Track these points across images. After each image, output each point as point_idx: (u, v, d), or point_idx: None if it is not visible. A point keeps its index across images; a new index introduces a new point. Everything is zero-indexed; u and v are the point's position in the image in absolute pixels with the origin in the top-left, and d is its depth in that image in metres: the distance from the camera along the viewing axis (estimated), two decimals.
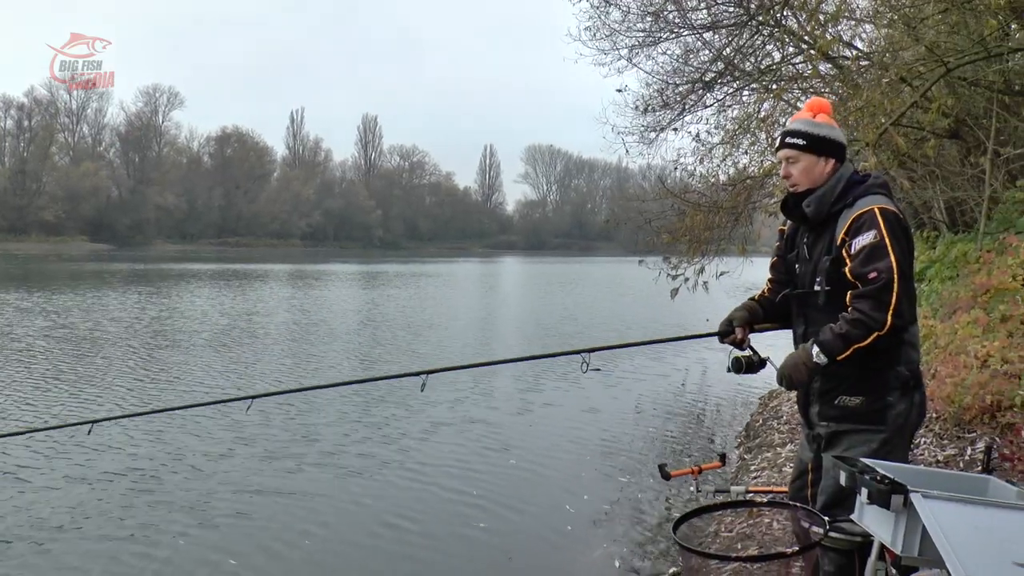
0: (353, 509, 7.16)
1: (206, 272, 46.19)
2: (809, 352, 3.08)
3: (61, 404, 10.90)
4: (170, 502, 7.12)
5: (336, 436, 9.51)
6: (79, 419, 9.45)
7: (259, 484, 7.67)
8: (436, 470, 8.23)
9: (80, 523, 6.57)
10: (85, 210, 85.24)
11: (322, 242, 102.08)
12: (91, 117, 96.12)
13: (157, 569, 5.76)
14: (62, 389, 11.89)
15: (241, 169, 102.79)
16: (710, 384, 13.35)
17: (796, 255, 3.39)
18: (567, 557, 6.06)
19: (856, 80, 9.94)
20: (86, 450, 8.48)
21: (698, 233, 13.73)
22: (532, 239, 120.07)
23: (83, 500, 7.12)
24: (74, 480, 7.68)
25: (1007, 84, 9.80)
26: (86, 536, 6.32)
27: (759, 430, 9.35)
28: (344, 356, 16.05)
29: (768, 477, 6.97)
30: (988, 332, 7.20)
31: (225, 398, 10.16)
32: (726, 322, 3.57)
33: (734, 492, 4.93)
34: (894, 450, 3.06)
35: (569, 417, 10.76)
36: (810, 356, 3.07)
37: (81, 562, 5.87)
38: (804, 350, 3.13)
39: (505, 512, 7.02)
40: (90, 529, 6.46)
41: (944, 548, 2.09)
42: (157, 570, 5.75)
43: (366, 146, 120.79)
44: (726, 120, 13.73)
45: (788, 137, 3.28)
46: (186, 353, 15.68)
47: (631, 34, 13.43)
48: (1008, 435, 5.39)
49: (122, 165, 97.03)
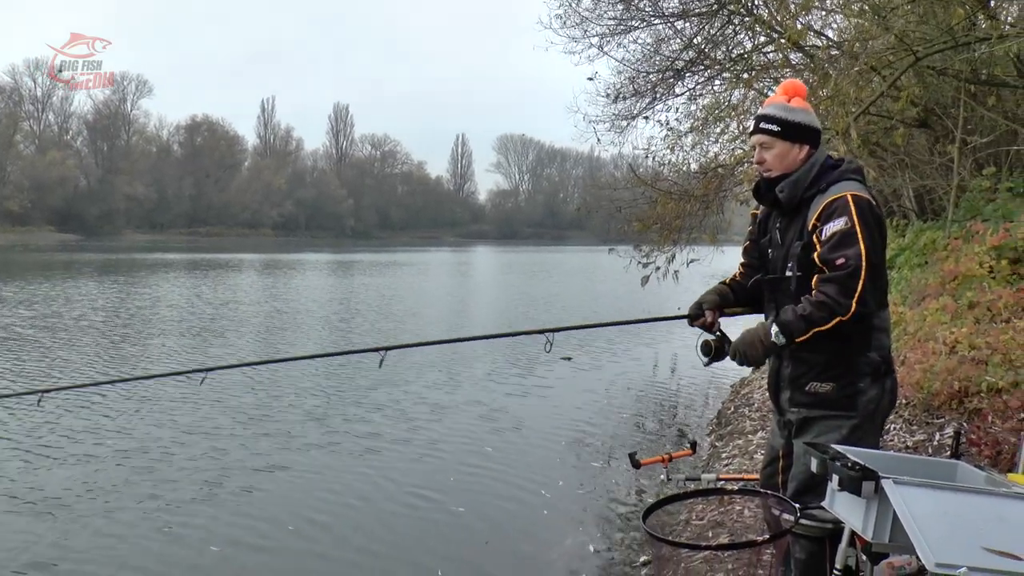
0: (326, 494, 7.15)
1: (180, 262, 45.78)
2: (768, 330, 3.06)
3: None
4: (120, 483, 7.11)
5: (302, 419, 9.57)
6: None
7: (223, 464, 7.63)
8: (409, 458, 8.20)
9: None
10: (52, 200, 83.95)
11: (293, 232, 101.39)
12: (57, 105, 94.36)
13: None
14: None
15: (211, 158, 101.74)
16: (681, 372, 13.40)
17: (768, 240, 3.36)
18: (538, 550, 6.03)
19: (826, 69, 9.96)
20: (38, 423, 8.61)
21: (669, 221, 13.76)
22: (504, 228, 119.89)
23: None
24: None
25: (974, 73, 9.87)
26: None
27: (730, 417, 9.38)
28: (319, 342, 15.99)
29: (739, 464, 6.99)
30: (956, 319, 7.26)
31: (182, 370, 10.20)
32: (696, 305, 3.51)
33: (705, 480, 4.95)
34: (865, 436, 3.05)
35: (539, 405, 10.77)
36: (768, 334, 3.06)
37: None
38: (763, 327, 3.11)
39: (475, 502, 6.98)
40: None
41: (914, 534, 2.09)
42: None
43: (337, 135, 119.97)
44: (697, 108, 13.76)
45: (762, 122, 3.23)
46: (168, 336, 15.57)
47: (602, 22, 13.43)
48: (975, 420, 5.42)
49: (90, 154, 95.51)
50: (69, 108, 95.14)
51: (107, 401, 10.03)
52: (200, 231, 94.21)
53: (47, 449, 8.10)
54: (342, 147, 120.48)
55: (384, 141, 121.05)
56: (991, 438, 4.95)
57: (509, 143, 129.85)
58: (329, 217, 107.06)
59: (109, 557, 5.76)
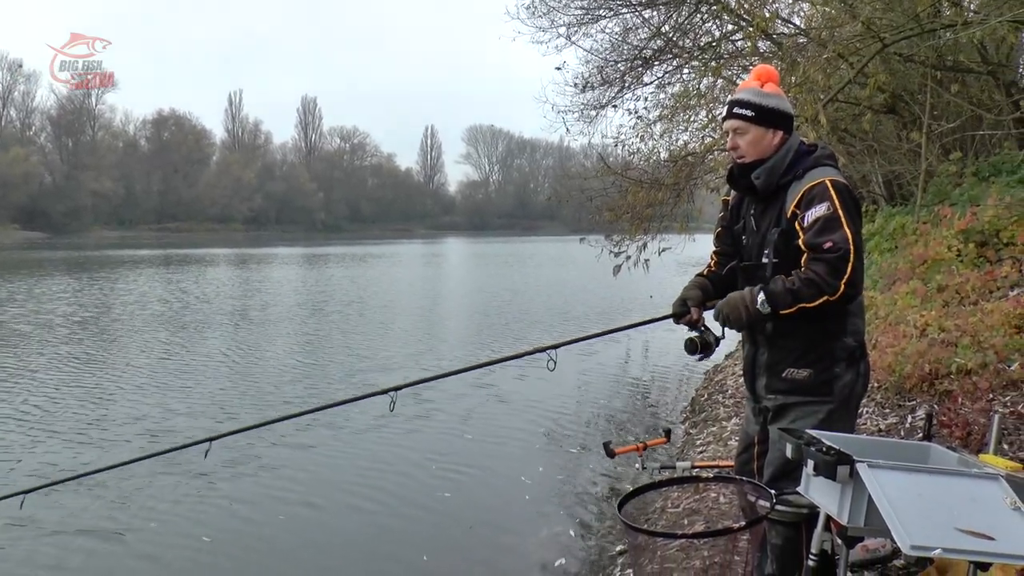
0: (307, 478, 7.27)
1: (153, 258, 45.33)
2: (755, 296, 3.04)
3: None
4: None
5: (288, 432, 9.40)
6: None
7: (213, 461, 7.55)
8: (387, 449, 8.23)
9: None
10: (16, 197, 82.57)
11: (264, 226, 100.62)
12: (19, 100, 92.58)
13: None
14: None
15: (179, 153, 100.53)
16: (654, 359, 13.44)
17: (743, 226, 3.33)
18: (514, 540, 6.02)
19: (794, 57, 10.01)
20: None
21: (640, 210, 13.78)
22: (475, 220, 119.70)
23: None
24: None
25: (940, 60, 9.97)
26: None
27: (704, 404, 9.42)
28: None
29: (714, 451, 7.02)
30: (926, 302, 7.33)
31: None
32: (680, 302, 3.47)
33: (680, 467, 4.96)
34: (840, 420, 3.06)
35: (513, 396, 10.73)
36: (754, 300, 3.03)
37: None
38: (750, 292, 3.08)
39: (452, 492, 6.99)
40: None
41: (889, 517, 2.10)
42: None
43: (306, 128, 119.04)
44: (667, 97, 13.79)
45: (736, 107, 3.19)
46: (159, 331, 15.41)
47: (569, 11, 13.40)
48: (946, 402, 5.48)
49: (55, 150, 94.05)
50: (32, 104, 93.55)
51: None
52: (170, 227, 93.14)
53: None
54: (311, 140, 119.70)
55: (353, 133, 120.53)
56: (962, 419, 5.00)
57: (479, 134, 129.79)
58: (299, 211, 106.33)
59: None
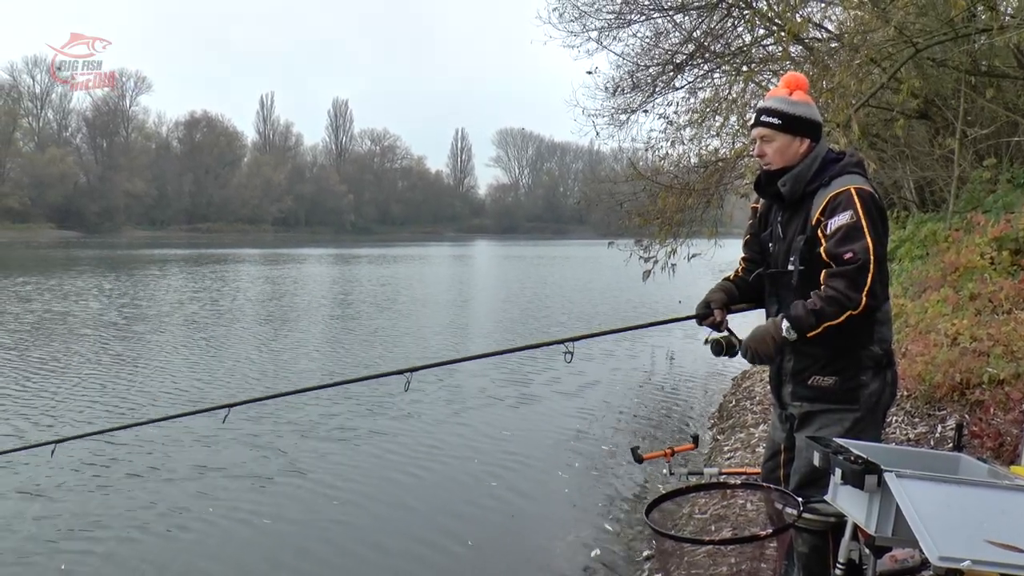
0: (335, 480, 7.31)
1: (187, 258, 45.92)
2: (779, 326, 3.03)
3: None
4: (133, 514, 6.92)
5: (319, 418, 9.54)
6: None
7: (227, 461, 7.64)
8: (412, 454, 8.24)
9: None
10: (52, 197, 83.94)
11: (294, 227, 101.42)
12: (56, 102, 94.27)
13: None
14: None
15: (211, 154, 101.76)
16: (682, 365, 13.39)
17: (770, 234, 3.34)
18: (542, 543, 6.01)
19: (826, 62, 9.94)
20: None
21: (670, 215, 13.71)
22: (504, 223, 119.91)
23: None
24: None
25: (974, 65, 9.86)
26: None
27: (732, 411, 9.38)
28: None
29: (741, 458, 6.99)
30: (957, 310, 7.26)
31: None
32: (703, 304, 3.49)
33: (707, 474, 4.93)
34: (867, 429, 3.05)
35: (540, 400, 10.74)
36: (779, 330, 3.02)
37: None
38: (774, 323, 3.08)
39: (476, 495, 7.02)
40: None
41: (917, 527, 2.09)
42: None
43: (337, 130, 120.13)
44: (697, 102, 13.73)
45: (763, 115, 3.20)
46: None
47: (600, 16, 13.39)
48: (977, 412, 5.42)
49: (89, 151, 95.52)
50: (68, 105, 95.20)
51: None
52: (200, 227, 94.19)
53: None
54: (341, 142, 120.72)
55: (384, 136, 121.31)
56: (993, 430, 4.95)
57: (509, 137, 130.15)
58: (329, 212, 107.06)
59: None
